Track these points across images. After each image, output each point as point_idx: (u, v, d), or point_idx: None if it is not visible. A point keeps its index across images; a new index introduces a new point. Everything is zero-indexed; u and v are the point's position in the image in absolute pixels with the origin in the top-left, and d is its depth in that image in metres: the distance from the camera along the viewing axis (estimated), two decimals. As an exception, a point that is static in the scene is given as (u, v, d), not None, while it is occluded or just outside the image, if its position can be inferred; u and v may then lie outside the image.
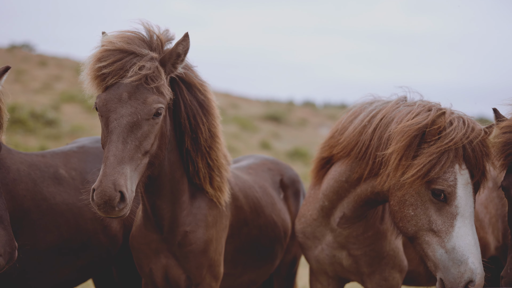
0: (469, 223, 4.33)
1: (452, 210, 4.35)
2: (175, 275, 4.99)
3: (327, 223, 5.18)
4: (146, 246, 5.02)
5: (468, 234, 4.29)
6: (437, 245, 4.37)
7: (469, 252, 4.24)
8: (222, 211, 5.16)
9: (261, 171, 6.29)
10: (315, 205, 5.28)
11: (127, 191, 4.13)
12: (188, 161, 4.95)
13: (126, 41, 4.51)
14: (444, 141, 4.36)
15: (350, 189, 4.97)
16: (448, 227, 4.34)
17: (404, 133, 4.45)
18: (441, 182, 4.35)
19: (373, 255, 5.12)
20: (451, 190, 4.35)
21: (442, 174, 4.35)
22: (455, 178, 4.36)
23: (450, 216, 4.35)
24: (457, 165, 4.38)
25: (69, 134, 20.56)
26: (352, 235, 5.10)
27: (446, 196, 4.36)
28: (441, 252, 4.34)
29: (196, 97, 4.92)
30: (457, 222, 4.33)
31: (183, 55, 4.60)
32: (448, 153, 4.36)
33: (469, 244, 4.26)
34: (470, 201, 4.37)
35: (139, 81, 4.37)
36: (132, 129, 4.30)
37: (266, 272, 6.01)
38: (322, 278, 5.40)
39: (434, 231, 4.39)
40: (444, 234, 4.34)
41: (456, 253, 4.27)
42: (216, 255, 5.06)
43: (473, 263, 4.21)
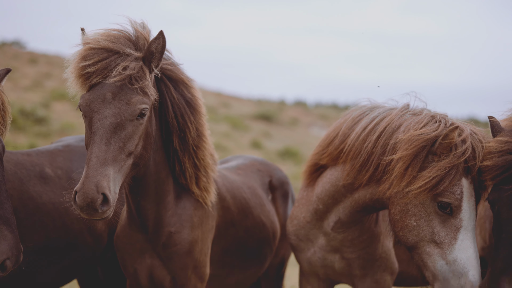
0: (471, 236, 4.33)
1: (456, 223, 4.34)
2: (159, 276, 4.95)
3: (320, 226, 5.13)
4: (131, 246, 4.98)
5: (470, 247, 4.30)
6: (438, 257, 4.36)
7: (470, 265, 4.25)
8: (208, 211, 5.12)
9: (250, 172, 6.25)
10: (308, 208, 5.22)
11: (110, 193, 4.08)
12: (175, 161, 4.91)
13: (112, 40, 4.45)
14: (459, 158, 4.34)
15: (347, 194, 4.92)
16: (451, 239, 4.34)
17: (412, 142, 4.43)
18: (449, 195, 4.34)
19: (366, 258, 5.09)
20: (458, 204, 4.34)
21: (451, 188, 4.33)
22: (462, 192, 4.35)
23: (454, 229, 4.35)
24: (464, 178, 4.37)
25: (59, 132, 20.49)
26: (347, 239, 5.06)
27: (453, 209, 4.35)
28: (442, 264, 4.34)
29: (183, 96, 4.87)
30: (460, 235, 4.33)
31: (157, 54, 4.51)
32: (458, 168, 4.34)
33: (470, 257, 4.27)
34: (473, 214, 4.38)
35: (122, 81, 4.32)
36: (116, 130, 4.24)
37: (254, 274, 5.97)
38: (312, 279, 5.38)
39: (437, 242, 4.37)
40: (446, 246, 4.34)
41: (457, 265, 4.28)
42: (201, 256, 5.02)
43: (473, 276, 4.23)
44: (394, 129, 4.63)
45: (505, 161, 4.25)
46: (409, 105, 4.86)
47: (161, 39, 4.49)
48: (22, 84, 27.26)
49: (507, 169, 4.24)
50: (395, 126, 4.65)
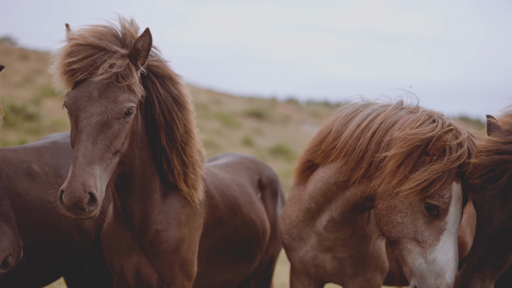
0: (454, 239, 4.37)
1: (441, 225, 4.37)
2: (146, 274, 4.94)
3: (312, 225, 5.12)
4: (117, 244, 4.96)
5: (451, 250, 4.34)
6: (419, 255, 4.39)
7: (448, 267, 4.30)
8: (196, 209, 5.11)
9: (240, 169, 6.23)
10: (300, 207, 5.20)
11: (97, 192, 4.07)
12: (162, 159, 4.89)
13: (98, 36, 4.42)
14: (454, 163, 4.35)
15: (339, 192, 4.91)
16: (433, 240, 4.37)
17: (407, 140, 4.43)
18: (438, 199, 4.35)
19: (358, 257, 5.08)
20: (445, 207, 4.36)
21: (440, 191, 4.35)
22: (451, 195, 4.37)
23: (437, 230, 4.38)
24: (454, 182, 4.39)
25: (49, 128, 20.40)
26: (339, 238, 5.05)
27: (439, 212, 4.37)
28: (421, 262, 4.37)
29: (170, 92, 4.85)
30: (443, 237, 4.36)
31: (143, 51, 4.48)
32: (450, 172, 4.35)
33: (450, 260, 4.31)
34: (459, 217, 4.41)
35: (109, 79, 4.29)
36: (102, 129, 4.22)
37: (243, 272, 5.96)
38: (303, 278, 5.36)
39: (419, 241, 4.40)
40: (427, 246, 4.37)
41: (436, 265, 4.31)
42: (188, 254, 5.01)
43: (450, 278, 4.28)
44: (389, 126, 4.63)
45: (491, 161, 4.26)
46: (403, 101, 4.85)
47: (147, 37, 4.46)
48: (13, 81, 27.13)
49: (492, 169, 4.25)
50: (390, 123, 4.64)
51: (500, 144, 4.32)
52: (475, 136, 4.53)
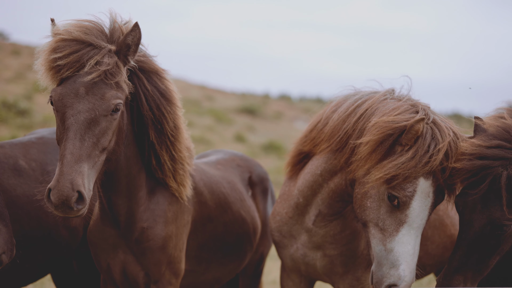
0: (415, 234, 4.36)
1: (401, 217, 4.37)
2: (133, 272, 4.92)
3: (302, 221, 5.08)
4: (104, 241, 4.94)
5: (409, 243, 4.34)
6: (380, 241, 4.41)
7: (404, 260, 4.30)
8: (184, 206, 5.08)
9: (230, 167, 6.19)
10: (289, 203, 5.17)
11: (85, 190, 4.04)
12: (151, 155, 4.86)
13: (84, 31, 4.36)
14: (420, 157, 4.30)
15: (323, 183, 4.89)
16: (393, 230, 4.38)
17: (380, 128, 4.40)
18: (398, 190, 4.34)
19: (348, 255, 5.04)
20: (405, 200, 4.34)
21: (403, 183, 4.32)
22: (415, 190, 4.34)
23: (398, 222, 4.38)
24: (422, 178, 4.34)
25: (41, 124, 20.35)
26: (329, 234, 5.01)
27: (400, 204, 4.36)
28: (381, 249, 4.39)
29: (157, 87, 4.81)
30: (403, 229, 4.36)
31: (133, 46, 4.45)
32: (416, 166, 4.30)
33: (406, 252, 4.31)
34: (423, 214, 4.38)
35: (98, 78, 4.24)
36: (90, 126, 4.18)
37: (233, 270, 5.92)
38: (294, 276, 5.32)
39: (381, 228, 4.41)
40: (388, 234, 4.38)
41: (393, 255, 4.33)
42: (176, 252, 4.99)
43: (403, 270, 4.28)
44: (373, 113, 4.60)
45: (473, 166, 4.24)
46: (394, 90, 4.80)
47: (137, 31, 4.43)
48: (5, 76, 27.06)
49: (474, 174, 4.24)
50: (374, 110, 4.62)
51: (482, 148, 4.28)
52: (458, 136, 4.47)
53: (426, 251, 5.48)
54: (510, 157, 4.20)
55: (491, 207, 4.16)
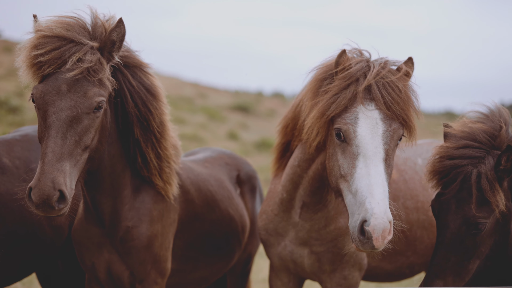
0: (372, 163, 4.15)
1: (353, 150, 4.21)
2: (118, 271, 4.88)
3: (288, 217, 5.05)
4: (88, 240, 4.90)
5: (368, 174, 4.11)
6: (347, 191, 4.22)
7: (368, 192, 4.05)
8: (170, 204, 5.03)
9: (218, 165, 6.15)
10: (274, 200, 5.15)
11: (66, 189, 4.00)
12: (136, 153, 4.81)
13: (65, 28, 4.32)
14: (343, 79, 4.29)
15: (303, 174, 4.86)
16: (351, 168, 4.19)
17: (312, 78, 4.47)
18: (339, 121, 4.25)
19: (335, 252, 5.00)
20: (347, 128, 4.22)
21: (343, 113, 4.25)
22: (356, 117, 4.24)
23: (352, 157, 4.20)
24: (361, 104, 4.25)
25: (33, 121, 20.22)
26: (314, 228, 4.96)
27: (344, 135, 4.23)
28: (350, 198, 4.19)
29: (143, 83, 4.77)
30: (359, 162, 4.17)
31: (118, 42, 4.42)
32: (346, 91, 4.26)
33: (368, 185, 4.08)
34: (376, 141, 4.21)
35: (81, 75, 4.20)
36: (72, 124, 4.15)
37: (220, 269, 5.88)
38: (283, 275, 5.28)
39: (343, 176, 4.24)
40: (349, 177, 4.19)
41: (359, 195, 4.09)
42: (161, 251, 4.95)
43: (369, 203, 4.01)
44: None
45: (443, 166, 4.33)
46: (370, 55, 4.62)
47: (122, 27, 4.40)
48: (-4, 73, 26.93)
49: (445, 175, 4.31)
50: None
51: (451, 149, 4.37)
52: (385, 59, 4.43)
53: (415, 251, 5.46)
54: (478, 155, 4.28)
55: (465, 206, 4.20)
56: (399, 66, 4.45)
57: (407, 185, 5.45)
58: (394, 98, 4.27)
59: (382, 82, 4.28)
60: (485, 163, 4.25)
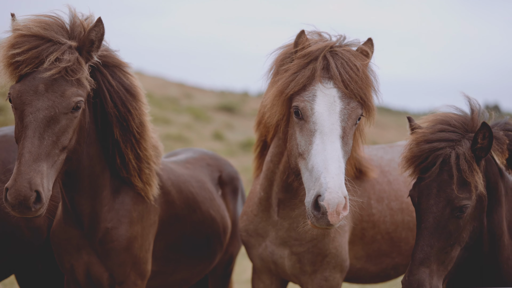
0: (329, 140, 4.16)
1: (310, 127, 4.23)
2: (97, 273, 4.84)
3: (268, 217, 5.02)
4: (67, 242, 4.85)
5: (324, 150, 4.13)
6: (304, 168, 4.22)
7: (323, 168, 4.05)
8: (150, 206, 4.99)
9: (200, 166, 6.11)
10: (254, 200, 5.13)
11: (43, 190, 3.96)
12: (115, 154, 4.77)
13: (43, 27, 4.28)
14: (302, 58, 4.34)
15: (275, 169, 4.85)
16: (308, 145, 4.22)
17: (273, 59, 4.55)
18: (298, 99, 4.29)
19: (316, 252, 4.96)
20: (304, 105, 4.25)
21: (302, 92, 4.29)
22: (314, 95, 4.27)
23: (309, 134, 4.23)
24: (319, 83, 4.29)
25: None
26: (292, 227, 4.92)
27: (301, 112, 4.26)
28: (307, 175, 4.19)
29: (122, 83, 4.73)
30: (316, 139, 4.19)
31: (97, 42, 4.38)
32: (305, 70, 4.30)
33: (324, 160, 4.08)
34: (333, 118, 4.23)
35: (58, 74, 4.16)
36: (49, 124, 4.11)
37: (202, 270, 5.84)
38: (265, 276, 5.25)
39: (301, 154, 4.26)
40: (306, 154, 4.20)
41: (315, 171, 4.10)
42: (141, 253, 4.91)
43: (324, 178, 4.00)
44: None
45: (421, 150, 4.31)
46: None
47: (101, 26, 4.37)
48: (-20, 73, 26.75)
49: (424, 159, 4.29)
50: None
51: (427, 134, 4.37)
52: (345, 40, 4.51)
53: (400, 252, 5.44)
54: (455, 138, 4.30)
55: (447, 188, 4.19)
56: (359, 46, 4.51)
57: (392, 186, 5.43)
58: (352, 77, 4.31)
59: (341, 61, 4.33)
60: (462, 145, 4.27)
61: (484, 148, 4.25)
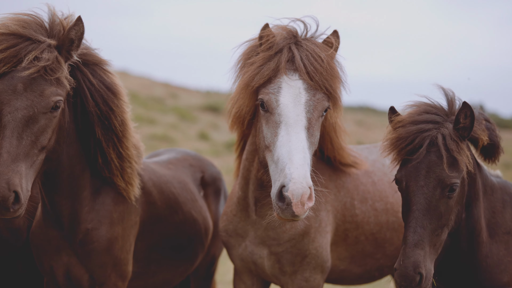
0: (294, 131, 4.18)
1: (275, 118, 4.26)
2: (77, 274, 4.79)
3: (246, 216, 5.00)
4: (46, 243, 4.80)
5: (289, 141, 4.14)
6: (271, 161, 4.24)
7: (288, 159, 4.07)
8: (131, 206, 4.95)
9: (182, 166, 6.07)
10: (233, 200, 5.11)
11: (22, 190, 3.92)
12: (97, 153, 4.72)
13: (22, 25, 4.24)
14: (267, 50, 4.38)
15: (250, 167, 4.83)
16: (273, 137, 4.24)
17: (239, 53, 4.58)
18: (263, 91, 4.33)
19: (295, 253, 4.94)
20: (269, 98, 4.29)
21: (268, 84, 4.32)
22: (279, 87, 4.30)
23: (274, 126, 4.25)
24: (284, 75, 4.31)
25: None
26: (270, 226, 4.88)
27: (266, 105, 4.29)
28: (273, 167, 4.21)
29: (103, 81, 4.69)
30: (281, 130, 4.22)
31: (77, 41, 4.35)
32: (270, 63, 4.32)
33: (288, 151, 4.10)
34: (298, 109, 4.24)
35: (37, 73, 4.11)
36: (28, 124, 4.07)
37: (183, 271, 5.80)
38: (246, 277, 5.22)
39: (267, 146, 4.28)
40: (272, 147, 4.23)
41: (280, 162, 4.12)
42: (122, 254, 4.86)
43: (289, 169, 4.02)
44: None
45: (408, 131, 4.30)
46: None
47: (81, 25, 4.33)
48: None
49: (411, 141, 4.28)
50: None
51: (414, 115, 4.39)
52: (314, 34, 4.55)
53: (385, 253, 5.41)
54: (439, 121, 4.33)
55: (436, 168, 4.20)
56: (324, 38, 4.54)
57: (376, 187, 5.41)
58: (317, 68, 4.33)
59: (306, 53, 4.36)
60: (446, 126, 4.30)
61: (467, 128, 4.29)
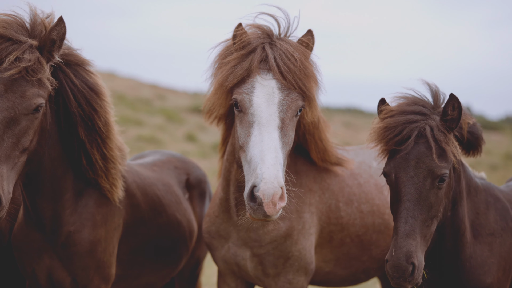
0: (266, 131, 4.18)
1: (248, 118, 4.26)
2: (59, 277, 4.74)
3: (228, 217, 4.97)
4: (28, 246, 4.75)
5: (261, 141, 4.14)
6: (244, 161, 4.24)
7: (260, 159, 4.06)
8: (115, 208, 4.91)
9: (167, 168, 6.03)
10: (216, 201, 5.09)
11: (3, 193, 3.89)
12: (81, 155, 4.67)
13: (2, 26, 4.20)
14: (241, 50, 4.39)
15: (230, 168, 4.81)
16: (247, 137, 4.24)
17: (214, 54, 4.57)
18: (237, 91, 4.33)
19: (277, 255, 4.91)
20: (242, 98, 4.29)
21: (241, 84, 4.32)
22: (253, 87, 4.30)
23: (248, 125, 4.26)
24: (257, 75, 4.32)
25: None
26: (252, 227, 4.85)
27: (240, 105, 4.29)
28: (246, 167, 4.20)
29: (86, 82, 4.64)
30: (254, 130, 4.21)
31: (58, 41, 4.31)
32: (243, 62, 4.33)
33: (260, 151, 4.09)
34: (271, 109, 4.24)
35: (19, 74, 4.07)
36: (9, 125, 4.03)
37: (168, 274, 5.77)
38: (229, 279, 5.19)
39: (241, 146, 4.28)
40: (246, 147, 4.22)
41: (252, 162, 4.11)
42: (105, 256, 4.82)
43: (260, 169, 4.01)
44: None
45: (396, 121, 4.31)
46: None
47: (62, 26, 4.29)
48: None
49: (398, 132, 4.28)
50: None
51: (404, 106, 4.41)
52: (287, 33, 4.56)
53: (371, 256, 5.39)
54: (427, 113, 4.35)
55: (425, 159, 4.20)
56: (299, 38, 4.55)
57: (362, 189, 5.38)
58: (290, 68, 4.33)
59: (279, 52, 4.36)
60: (434, 119, 4.32)
61: (455, 119, 4.30)
